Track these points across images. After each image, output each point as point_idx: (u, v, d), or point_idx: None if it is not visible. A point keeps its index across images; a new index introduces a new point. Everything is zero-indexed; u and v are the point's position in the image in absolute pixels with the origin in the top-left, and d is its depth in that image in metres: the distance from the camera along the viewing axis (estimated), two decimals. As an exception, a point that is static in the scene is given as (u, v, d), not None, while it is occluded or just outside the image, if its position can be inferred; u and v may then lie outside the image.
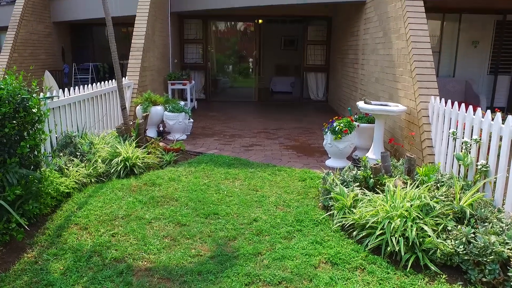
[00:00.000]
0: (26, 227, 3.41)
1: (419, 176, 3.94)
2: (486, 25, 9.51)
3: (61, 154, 4.84)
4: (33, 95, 3.83)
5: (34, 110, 3.77)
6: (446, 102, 4.52)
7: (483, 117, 3.83)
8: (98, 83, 6.37)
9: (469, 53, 9.64)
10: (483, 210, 3.30)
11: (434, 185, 3.82)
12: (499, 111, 4.39)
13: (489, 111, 3.78)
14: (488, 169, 3.64)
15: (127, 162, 5.03)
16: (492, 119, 3.68)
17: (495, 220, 3.18)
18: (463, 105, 4.20)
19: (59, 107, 5.14)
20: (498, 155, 3.54)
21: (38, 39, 11.55)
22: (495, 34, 9.56)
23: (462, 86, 9.47)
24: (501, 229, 3.04)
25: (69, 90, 5.45)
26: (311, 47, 12.10)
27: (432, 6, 7.68)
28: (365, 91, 7.63)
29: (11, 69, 10.01)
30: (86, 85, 5.99)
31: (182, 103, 7.41)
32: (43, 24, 11.79)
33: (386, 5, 6.49)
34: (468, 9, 9.16)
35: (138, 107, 7.03)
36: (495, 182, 3.60)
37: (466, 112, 4.10)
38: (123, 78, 7.01)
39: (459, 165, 4.07)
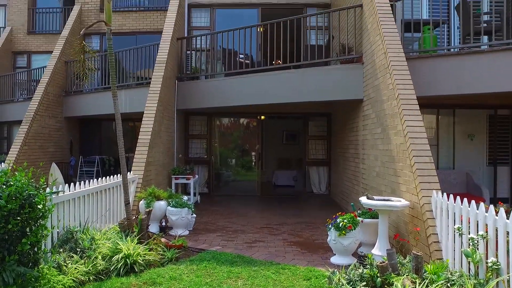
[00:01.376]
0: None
1: (428, 274, 3.81)
2: (479, 119, 9.89)
3: (61, 250, 4.76)
4: (40, 191, 3.90)
5: (39, 206, 3.81)
6: (448, 196, 4.53)
7: (486, 211, 3.82)
8: (103, 177, 6.48)
9: (467, 145, 9.87)
10: (498, 311, 3.14)
11: (444, 284, 3.67)
12: (502, 204, 4.38)
13: (492, 206, 3.78)
14: (499, 266, 3.53)
15: (127, 259, 4.91)
16: (496, 214, 3.66)
17: (512, 323, 3.01)
18: (465, 199, 4.21)
19: (64, 201, 5.18)
20: (508, 252, 3.46)
21: (49, 133, 12.00)
22: (489, 127, 9.90)
23: (463, 177, 9.54)
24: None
25: (74, 184, 5.53)
26: (312, 141, 12.46)
27: (426, 103, 8.07)
28: (367, 185, 7.69)
29: (21, 164, 10.24)
30: (91, 179, 6.09)
31: (185, 197, 7.44)
32: (55, 119, 12.34)
33: (382, 104, 6.83)
34: (460, 105, 9.61)
35: (141, 202, 7.05)
36: (508, 281, 3.47)
37: (469, 207, 4.09)
38: (128, 172, 7.13)
39: (469, 262, 3.96)
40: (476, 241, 3.83)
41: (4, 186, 3.62)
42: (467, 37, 7.38)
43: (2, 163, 10.71)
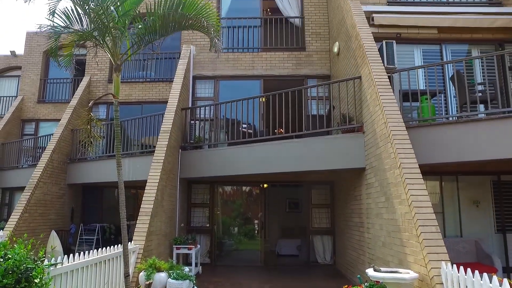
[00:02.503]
0: None
1: None
2: (483, 185, 9.81)
3: (55, 327, 4.54)
4: (38, 264, 3.80)
5: (36, 281, 3.69)
6: (458, 267, 4.39)
7: (501, 285, 3.68)
8: (104, 247, 6.34)
9: (473, 212, 9.70)
10: None
11: None
12: (516, 277, 4.24)
13: (506, 280, 3.66)
14: None
15: (124, 337, 4.66)
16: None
17: None
18: (476, 272, 4.08)
19: (61, 274, 5.02)
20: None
21: (51, 200, 11.93)
22: (493, 194, 9.78)
23: (472, 246, 9.26)
24: None
25: (73, 253, 5.40)
26: (315, 210, 12.28)
27: (429, 170, 8.08)
28: (373, 255, 7.47)
29: (20, 232, 10.07)
30: (91, 250, 5.95)
31: (186, 269, 7.23)
32: (58, 186, 12.33)
33: (385, 172, 6.84)
34: (463, 172, 9.60)
35: (141, 274, 6.84)
36: None
37: (481, 280, 3.95)
38: (129, 242, 6.99)
39: None
40: (491, 318, 3.66)
41: (2, 260, 3.53)
42: (464, 105, 7.58)
43: (1, 230, 10.55)
